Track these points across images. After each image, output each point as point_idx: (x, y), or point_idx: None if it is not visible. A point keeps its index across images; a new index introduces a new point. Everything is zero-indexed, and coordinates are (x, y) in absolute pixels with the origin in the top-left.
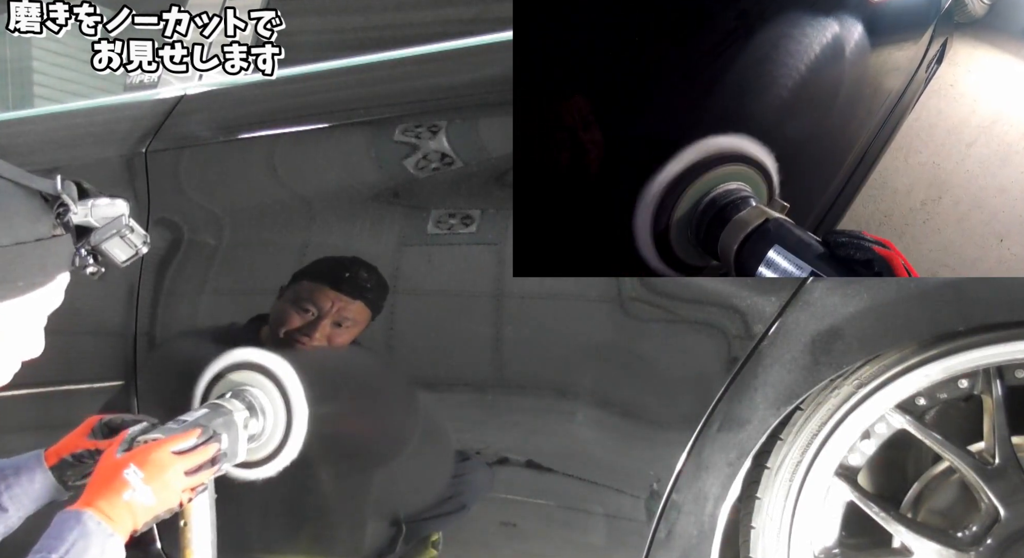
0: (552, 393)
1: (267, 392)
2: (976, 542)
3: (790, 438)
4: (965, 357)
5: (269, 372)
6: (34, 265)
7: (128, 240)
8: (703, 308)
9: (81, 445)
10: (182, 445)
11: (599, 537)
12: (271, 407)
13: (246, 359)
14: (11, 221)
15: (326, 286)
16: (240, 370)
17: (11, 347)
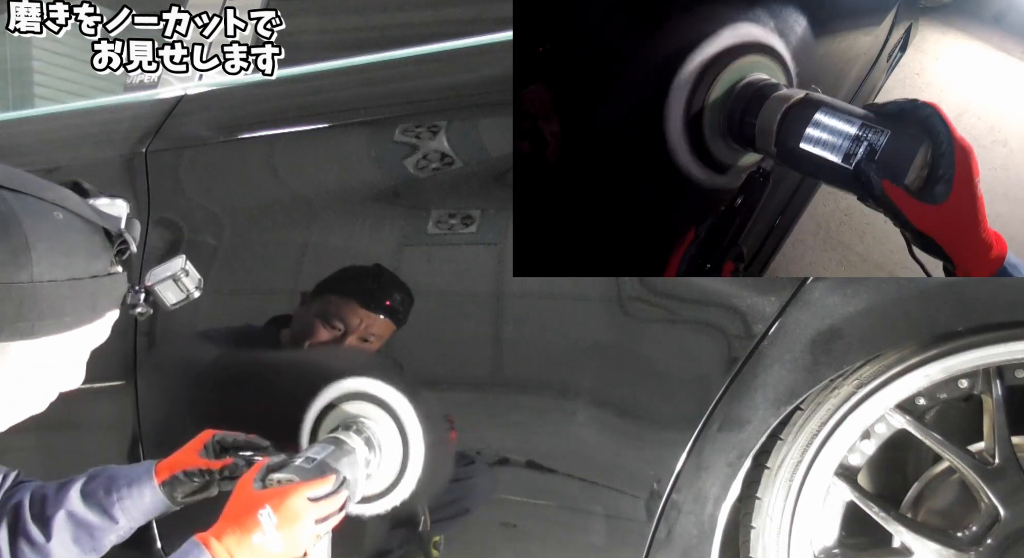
0: (552, 393)
1: (382, 425)
2: (976, 542)
3: (790, 438)
4: (965, 357)
5: (384, 403)
6: (85, 302)
7: (182, 284)
8: (703, 308)
9: (193, 463)
10: (318, 492)
11: (599, 537)
12: (388, 441)
13: (360, 389)
14: (70, 257)
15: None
16: (354, 400)
17: (52, 379)
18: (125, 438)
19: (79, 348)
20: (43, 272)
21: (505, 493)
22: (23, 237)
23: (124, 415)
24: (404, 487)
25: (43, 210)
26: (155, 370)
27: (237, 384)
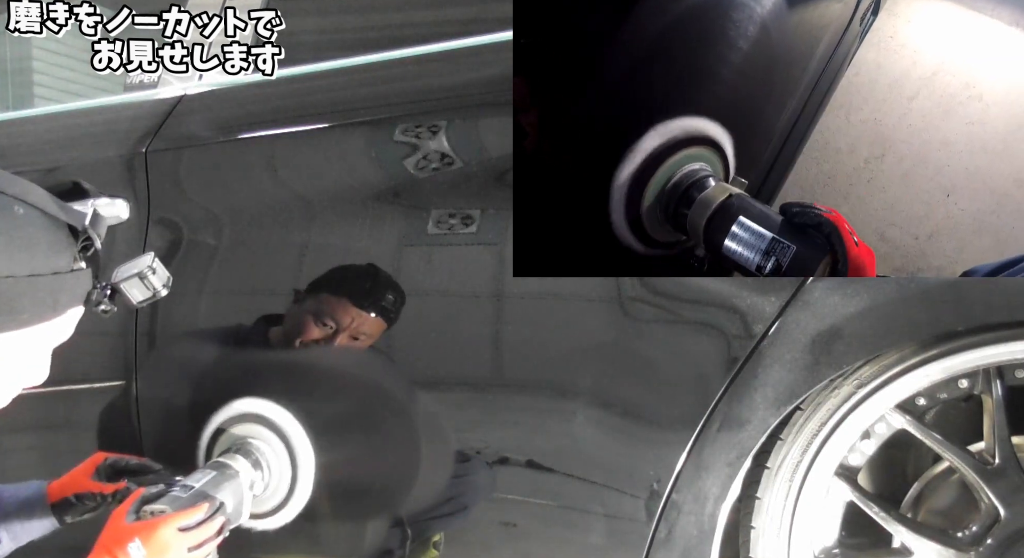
0: (552, 393)
1: (271, 445)
2: (976, 542)
3: (790, 438)
4: (965, 357)
5: (271, 423)
6: (44, 299)
7: (148, 282)
8: (703, 308)
9: (85, 486)
10: (188, 521)
11: (599, 537)
12: (276, 461)
13: (248, 410)
14: (31, 251)
15: (344, 300)
16: (243, 422)
17: (11, 375)
18: (125, 438)
19: (40, 345)
20: (3, 267)
21: (505, 492)
22: None
23: (124, 415)
24: (295, 503)
25: (3, 204)
26: (155, 370)
27: (237, 384)
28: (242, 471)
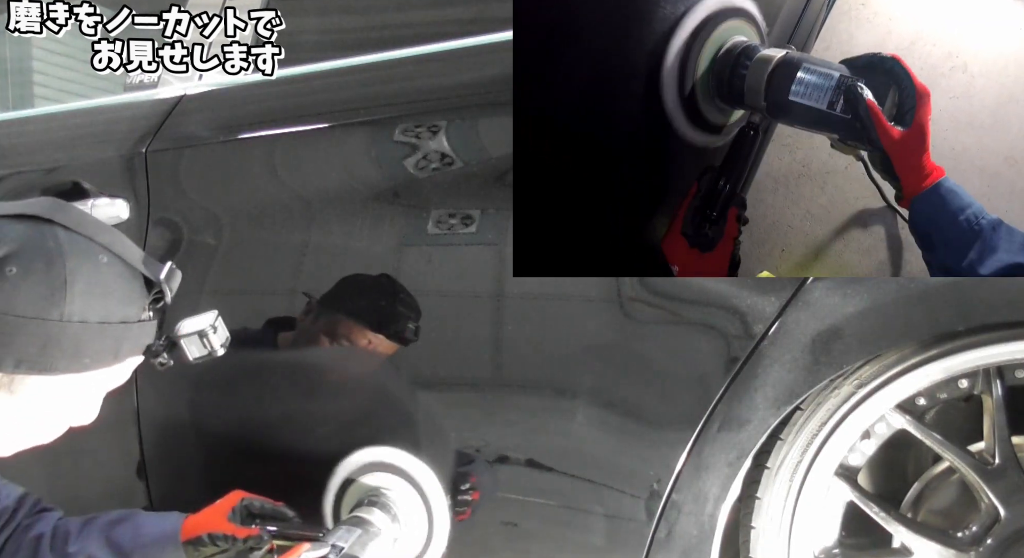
0: (552, 393)
1: (405, 495)
2: (976, 542)
3: (790, 438)
4: (965, 357)
5: (405, 473)
6: (109, 346)
7: (207, 340)
8: (703, 308)
9: (220, 526)
10: None
11: (599, 537)
12: (412, 512)
13: (379, 459)
14: (106, 299)
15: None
16: (374, 472)
17: (64, 414)
18: (125, 438)
19: (95, 388)
20: (74, 312)
21: (506, 492)
22: (63, 276)
23: (124, 415)
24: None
25: (90, 251)
26: (155, 370)
27: (237, 385)
28: (384, 528)
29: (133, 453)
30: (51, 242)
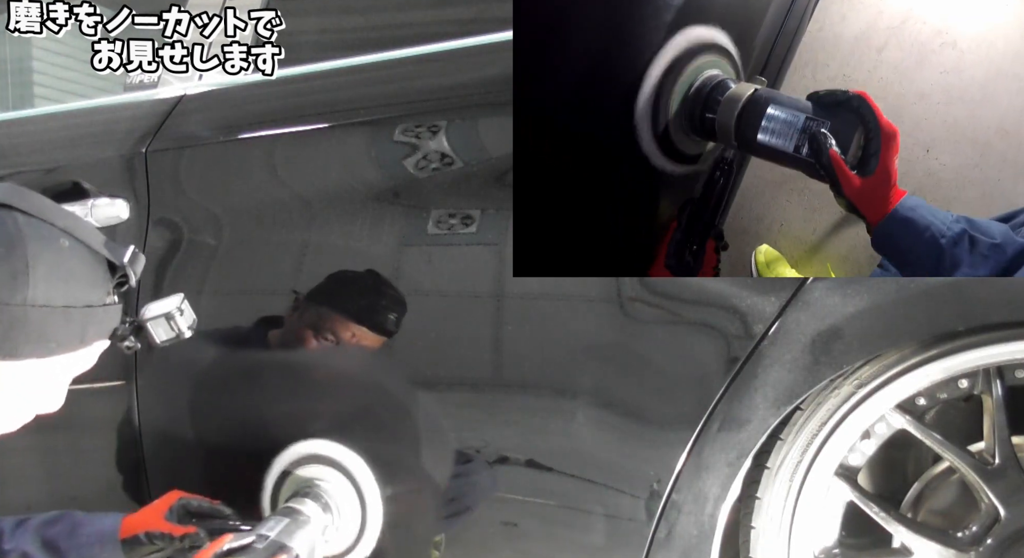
0: (552, 393)
1: (339, 486)
2: (976, 542)
3: (790, 438)
4: (965, 357)
5: (339, 465)
6: (74, 331)
7: (174, 323)
8: (703, 308)
9: (158, 525)
10: None
11: (599, 537)
12: (346, 503)
13: (314, 452)
14: (69, 284)
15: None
16: (309, 464)
17: (29, 401)
18: (125, 438)
19: (60, 373)
20: (38, 296)
21: (505, 492)
22: (24, 260)
23: (124, 415)
24: (364, 546)
25: (51, 235)
26: (155, 370)
27: (237, 385)
28: (314, 516)
29: (133, 453)
30: (10, 227)
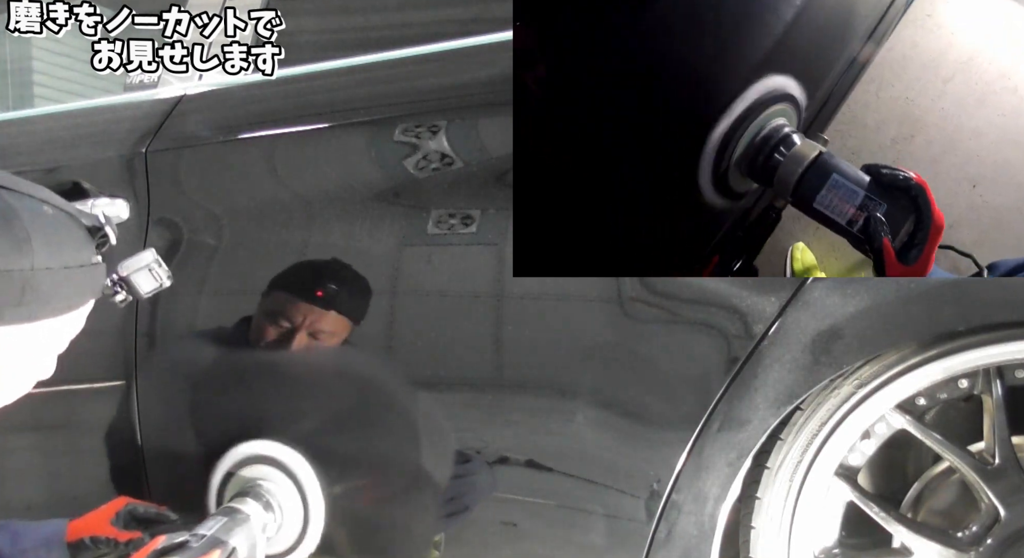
0: (552, 393)
1: (281, 485)
2: (976, 542)
3: (790, 438)
4: (965, 357)
5: (280, 464)
6: (75, 289)
7: (155, 273)
8: (703, 308)
9: (102, 530)
10: None
11: (599, 537)
12: (287, 501)
13: (256, 453)
14: (62, 247)
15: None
16: (252, 464)
17: (30, 368)
18: (125, 438)
19: (58, 337)
20: (42, 261)
21: (505, 492)
22: (24, 229)
23: (124, 415)
24: (308, 543)
25: (36, 205)
26: (155, 370)
27: (237, 384)
28: (253, 514)
29: (133, 453)
30: (1, 202)
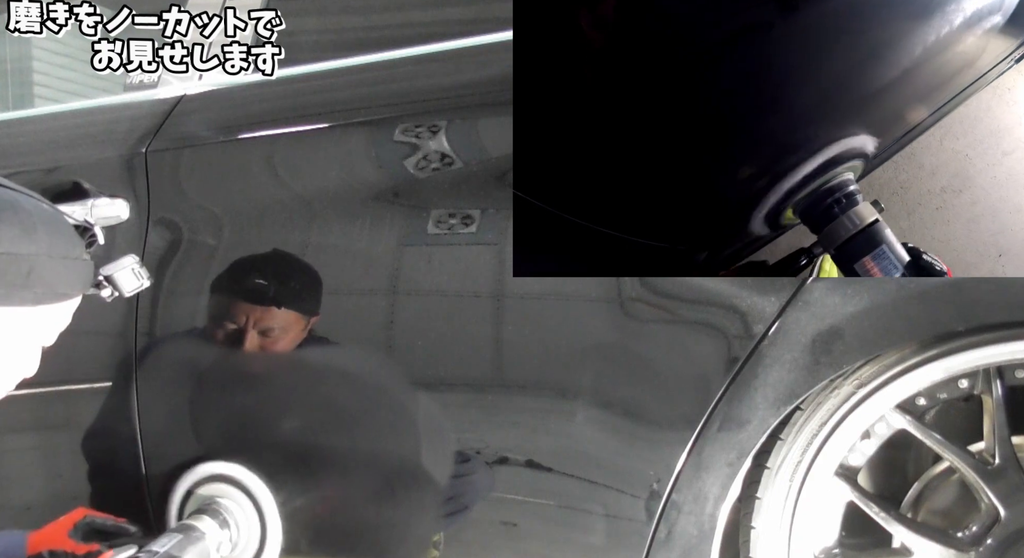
0: (552, 393)
1: (238, 502)
2: (976, 542)
3: (790, 438)
4: (965, 357)
5: (236, 482)
6: (70, 279)
7: (136, 272)
8: (703, 308)
9: (60, 543)
10: None
11: (599, 537)
12: (244, 517)
13: (213, 472)
14: (60, 239)
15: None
16: (209, 483)
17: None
18: (125, 438)
19: (46, 330)
20: (45, 248)
21: (505, 492)
22: (30, 217)
23: (124, 415)
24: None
25: (35, 201)
26: (155, 370)
27: (236, 384)
28: (208, 532)
29: (133, 453)
30: (4, 194)
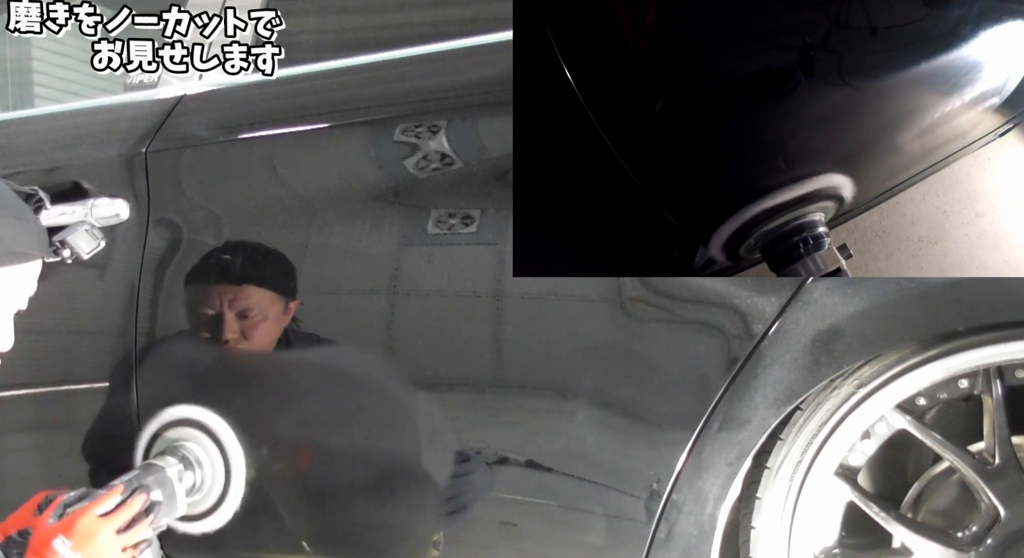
0: (552, 393)
1: (202, 444)
2: (976, 542)
3: (790, 438)
4: (965, 357)
5: (200, 425)
6: (33, 239)
7: (92, 232)
8: (703, 308)
9: (26, 522)
10: (106, 506)
11: (599, 537)
12: (207, 458)
13: (177, 416)
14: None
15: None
16: (174, 427)
17: None
18: (125, 438)
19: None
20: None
21: (505, 492)
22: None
23: (124, 414)
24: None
25: None
26: (155, 370)
27: (236, 384)
28: (168, 466)
29: (133, 453)
30: None
